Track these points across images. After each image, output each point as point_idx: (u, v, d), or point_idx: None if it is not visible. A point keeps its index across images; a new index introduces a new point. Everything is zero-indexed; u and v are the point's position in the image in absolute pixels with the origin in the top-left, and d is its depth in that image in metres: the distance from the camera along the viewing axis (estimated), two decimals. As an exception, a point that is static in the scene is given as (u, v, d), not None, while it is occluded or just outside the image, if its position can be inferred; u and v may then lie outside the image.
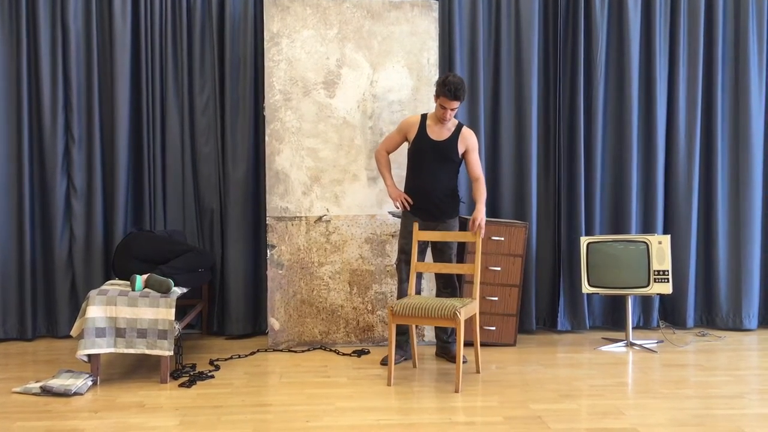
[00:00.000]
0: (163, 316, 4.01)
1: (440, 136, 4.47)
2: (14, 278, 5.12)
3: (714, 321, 5.54)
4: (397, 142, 4.61)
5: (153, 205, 5.23)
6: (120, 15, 5.11)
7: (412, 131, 4.50)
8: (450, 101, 4.32)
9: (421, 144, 4.47)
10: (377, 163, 4.64)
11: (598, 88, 5.40)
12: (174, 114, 5.24)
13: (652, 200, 5.45)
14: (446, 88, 4.29)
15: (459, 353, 3.93)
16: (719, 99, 5.49)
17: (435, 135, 4.47)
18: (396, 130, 4.61)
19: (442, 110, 4.38)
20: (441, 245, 4.52)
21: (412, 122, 4.53)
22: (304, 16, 4.92)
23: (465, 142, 4.52)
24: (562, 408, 3.61)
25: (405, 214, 4.55)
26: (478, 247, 4.21)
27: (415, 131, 4.49)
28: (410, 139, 4.52)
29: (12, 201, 5.13)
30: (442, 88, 4.31)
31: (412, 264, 4.34)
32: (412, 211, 4.51)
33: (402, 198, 4.51)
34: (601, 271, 4.90)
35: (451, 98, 4.30)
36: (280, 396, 3.84)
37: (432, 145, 4.46)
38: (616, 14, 5.42)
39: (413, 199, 4.50)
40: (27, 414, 3.54)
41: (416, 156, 4.50)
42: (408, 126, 4.54)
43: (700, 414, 3.53)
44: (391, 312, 4.02)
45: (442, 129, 4.48)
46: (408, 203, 4.50)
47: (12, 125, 5.12)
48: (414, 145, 4.50)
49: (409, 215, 4.51)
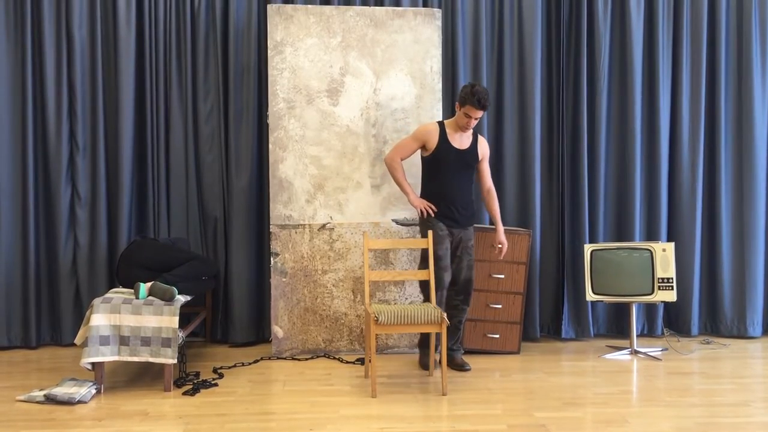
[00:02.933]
0: (167, 324, 4.01)
1: (462, 145, 4.51)
2: (18, 286, 5.13)
3: (718, 328, 5.52)
4: (413, 150, 4.58)
5: (157, 213, 5.24)
6: (124, 23, 5.13)
7: (432, 139, 4.50)
8: (476, 110, 4.37)
9: (444, 152, 4.48)
10: (393, 172, 4.56)
11: (601, 95, 5.40)
12: (178, 122, 5.26)
13: (656, 207, 5.45)
14: (475, 98, 4.33)
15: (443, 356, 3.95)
16: (722, 105, 5.49)
17: (457, 143, 4.50)
18: (412, 138, 4.57)
19: (467, 119, 4.42)
20: (461, 252, 4.54)
21: (431, 130, 4.52)
22: (307, 24, 4.94)
23: (482, 150, 4.61)
24: (566, 416, 3.61)
25: (430, 222, 4.51)
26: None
27: (435, 139, 4.49)
28: (430, 147, 4.51)
29: (16, 209, 5.14)
30: (471, 97, 4.33)
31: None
32: (437, 218, 4.52)
33: (425, 206, 4.51)
34: (605, 278, 4.89)
35: (478, 107, 4.35)
36: (284, 404, 3.83)
37: (456, 153, 4.48)
38: (618, 21, 5.43)
39: (436, 207, 4.51)
40: (31, 422, 3.54)
41: (439, 164, 4.50)
42: (426, 134, 4.52)
43: (704, 422, 3.52)
44: (375, 322, 3.95)
45: (462, 137, 4.52)
46: (432, 210, 4.51)
47: (17, 133, 5.14)
48: (436, 154, 4.49)
49: (436, 222, 4.50)
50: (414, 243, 4.39)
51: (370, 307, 4.12)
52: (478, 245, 4.88)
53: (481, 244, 4.90)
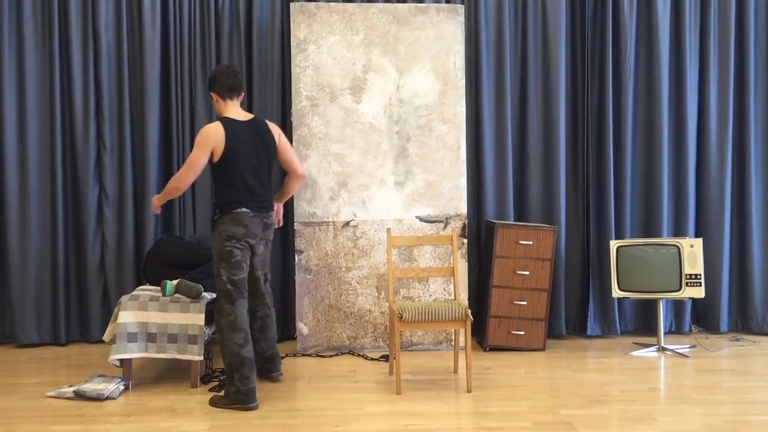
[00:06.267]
0: (193, 321, 4.05)
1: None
2: (48, 284, 5.21)
3: (749, 325, 5.44)
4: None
5: (183, 211, 5.29)
6: (149, 23, 5.18)
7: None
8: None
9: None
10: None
11: (627, 89, 5.34)
12: (203, 120, 5.29)
13: (683, 203, 5.37)
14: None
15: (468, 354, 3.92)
16: (751, 98, 5.40)
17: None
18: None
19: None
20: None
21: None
22: (330, 22, 4.95)
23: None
24: (593, 414, 3.58)
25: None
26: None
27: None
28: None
29: (45, 208, 5.22)
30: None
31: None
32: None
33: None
34: (632, 274, 4.84)
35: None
36: (309, 401, 3.85)
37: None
38: (645, 14, 5.36)
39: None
40: (61, 418, 3.60)
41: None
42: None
43: (734, 420, 3.47)
44: (400, 319, 3.93)
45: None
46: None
47: (45, 133, 5.22)
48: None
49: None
50: (438, 240, 4.38)
51: (394, 304, 4.12)
52: (503, 241, 4.86)
53: (506, 240, 4.87)
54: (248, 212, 3.88)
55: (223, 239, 3.84)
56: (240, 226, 3.85)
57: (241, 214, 3.86)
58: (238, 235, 3.85)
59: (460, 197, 4.99)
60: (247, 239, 3.88)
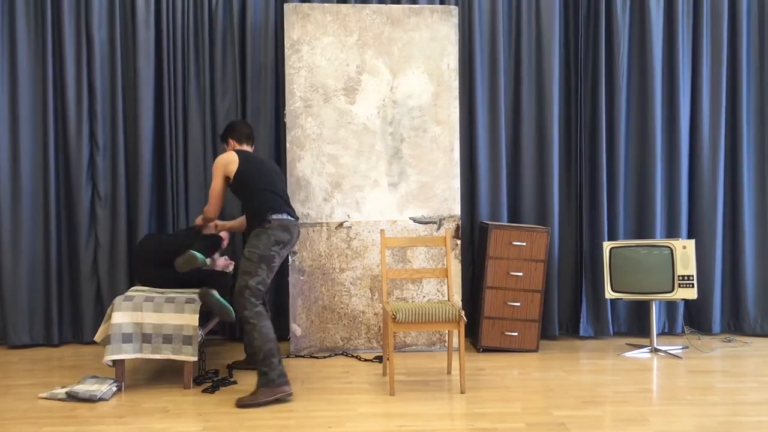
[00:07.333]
0: (188, 322, 4.04)
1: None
2: (40, 285, 5.19)
3: (741, 327, 5.46)
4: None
5: (176, 212, 5.28)
6: (143, 24, 5.17)
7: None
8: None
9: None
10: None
11: (620, 90, 5.36)
12: (196, 121, 5.29)
13: (676, 204, 5.39)
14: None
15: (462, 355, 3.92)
16: (744, 100, 5.43)
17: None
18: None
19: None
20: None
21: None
22: (324, 23, 4.95)
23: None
24: (586, 414, 3.59)
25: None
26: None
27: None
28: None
29: (38, 208, 5.20)
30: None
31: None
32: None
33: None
34: (625, 276, 4.86)
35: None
36: (303, 402, 3.85)
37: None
38: (638, 16, 5.38)
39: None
40: (53, 419, 3.59)
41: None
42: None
43: (726, 421, 3.48)
44: (393, 320, 3.94)
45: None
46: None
47: (38, 134, 5.20)
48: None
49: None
50: (431, 241, 4.38)
51: (387, 305, 4.12)
52: (496, 243, 4.87)
53: (499, 241, 4.88)
54: (292, 220, 4.04)
55: (271, 243, 3.94)
56: (287, 233, 4.00)
57: (288, 222, 4.01)
58: (285, 241, 3.99)
59: (453, 198, 5.00)
60: (288, 246, 4.03)
